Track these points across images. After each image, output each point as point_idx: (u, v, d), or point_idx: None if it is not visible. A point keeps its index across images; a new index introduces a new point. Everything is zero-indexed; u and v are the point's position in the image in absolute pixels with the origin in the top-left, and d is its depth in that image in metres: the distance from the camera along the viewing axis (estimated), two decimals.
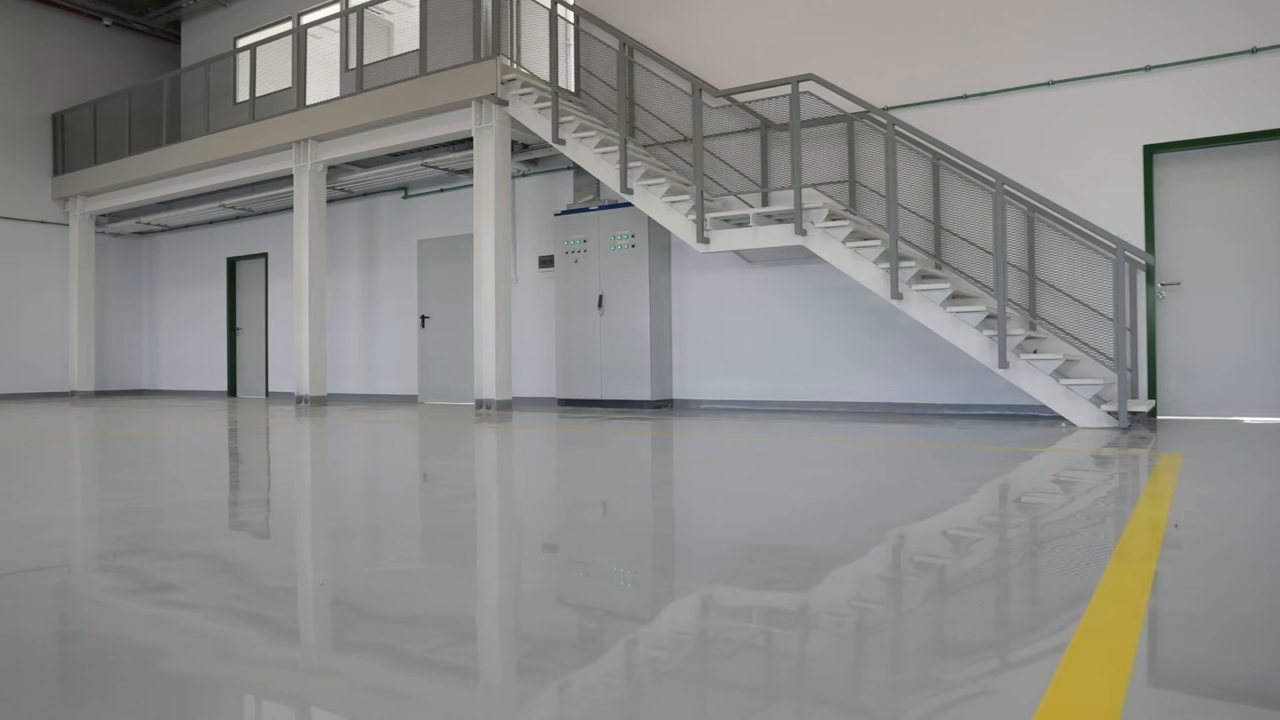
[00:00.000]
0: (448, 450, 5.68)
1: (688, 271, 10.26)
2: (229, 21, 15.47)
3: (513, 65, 9.82)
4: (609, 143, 9.21)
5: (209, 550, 2.64)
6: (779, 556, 2.50)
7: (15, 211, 15.22)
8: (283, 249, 14.82)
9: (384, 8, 11.82)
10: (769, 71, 9.62)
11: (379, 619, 1.92)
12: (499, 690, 1.52)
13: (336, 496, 3.78)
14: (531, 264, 11.61)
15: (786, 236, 8.08)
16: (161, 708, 1.43)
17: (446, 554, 2.58)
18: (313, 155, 11.58)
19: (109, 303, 16.66)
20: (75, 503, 3.60)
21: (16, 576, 2.33)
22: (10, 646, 1.75)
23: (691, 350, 10.23)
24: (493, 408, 9.66)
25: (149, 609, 2.01)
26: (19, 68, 15.28)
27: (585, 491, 3.79)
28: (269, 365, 15.15)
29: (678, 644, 1.73)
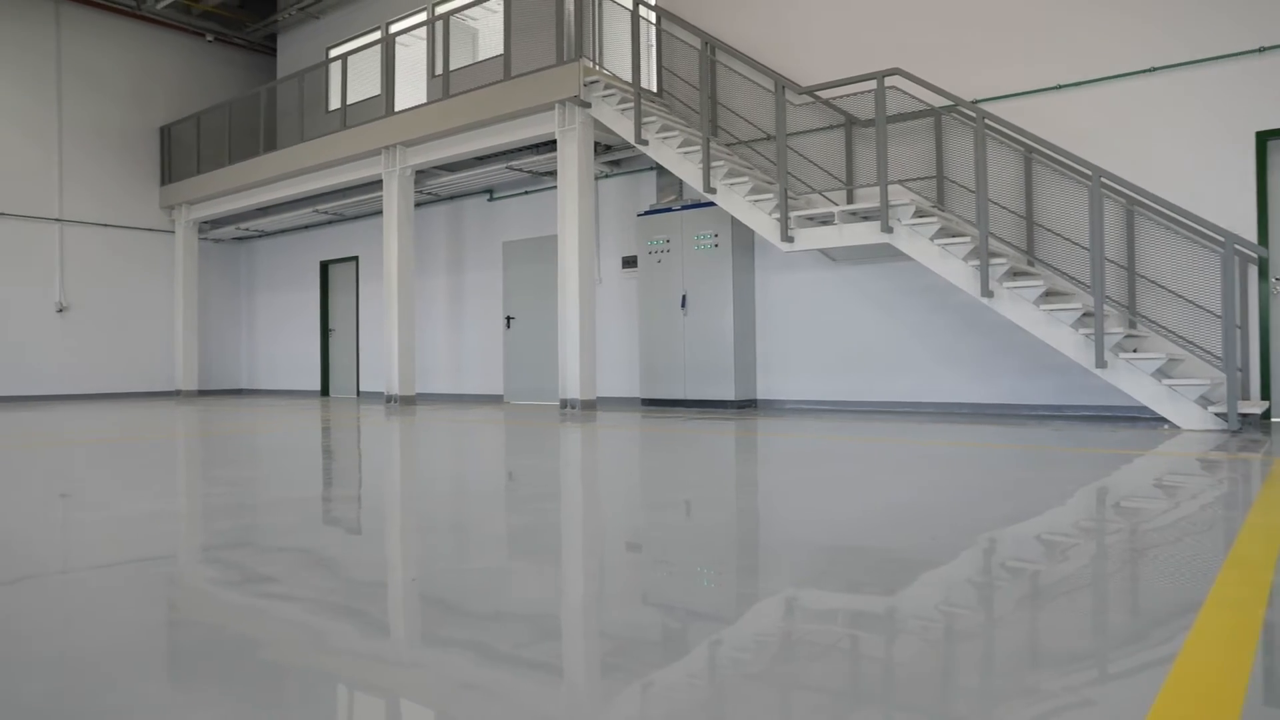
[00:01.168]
0: (532, 449, 5.75)
1: (771, 271, 10.17)
2: (322, 33, 15.97)
3: (595, 67, 9.89)
4: (691, 142, 9.19)
5: (304, 545, 2.73)
6: (864, 559, 2.46)
7: (127, 220, 16.01)
8: (373, 252, 15.23)
9: (469, 14, 12.03)
10: (854, 67, 9.47)
11: (466, 615, 1.96)
12: (583, 688, 1.52)
13: (425, 494, 3.86)
14: (615, 264, 11.67)
15: (872, 234, 7.94)
16: (261, 696, 1.48)
17: (531, 552, 2.61)
18: (401, 160, 11.86)
19: (210, 306, 17.37)
20: (181, 497, 3.76)
21: (131, 565, 2.44)
22: (124, 631, 1.84)
23: (775, 350, 10.14)
24: (577, 407, 9.75)
25: (249, 600, 2.09)
26: (131, 85, 16.07)
27: (668, 491, 3.79)
28: (360, 365, 15.58)
29: (761, 646, 1.71)
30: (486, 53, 12.25)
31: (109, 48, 15.82)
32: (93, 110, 15.63)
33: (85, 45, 15.52)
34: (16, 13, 14.72)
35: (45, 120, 15.07)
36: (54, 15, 15.15)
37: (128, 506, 3.49)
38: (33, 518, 3.26)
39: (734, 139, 10.23)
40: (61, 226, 15.21)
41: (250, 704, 1.44)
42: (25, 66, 14.84)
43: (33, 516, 3.28)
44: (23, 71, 14.81)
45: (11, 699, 1.47)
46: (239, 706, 1.43)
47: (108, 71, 15.81)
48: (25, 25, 14.83)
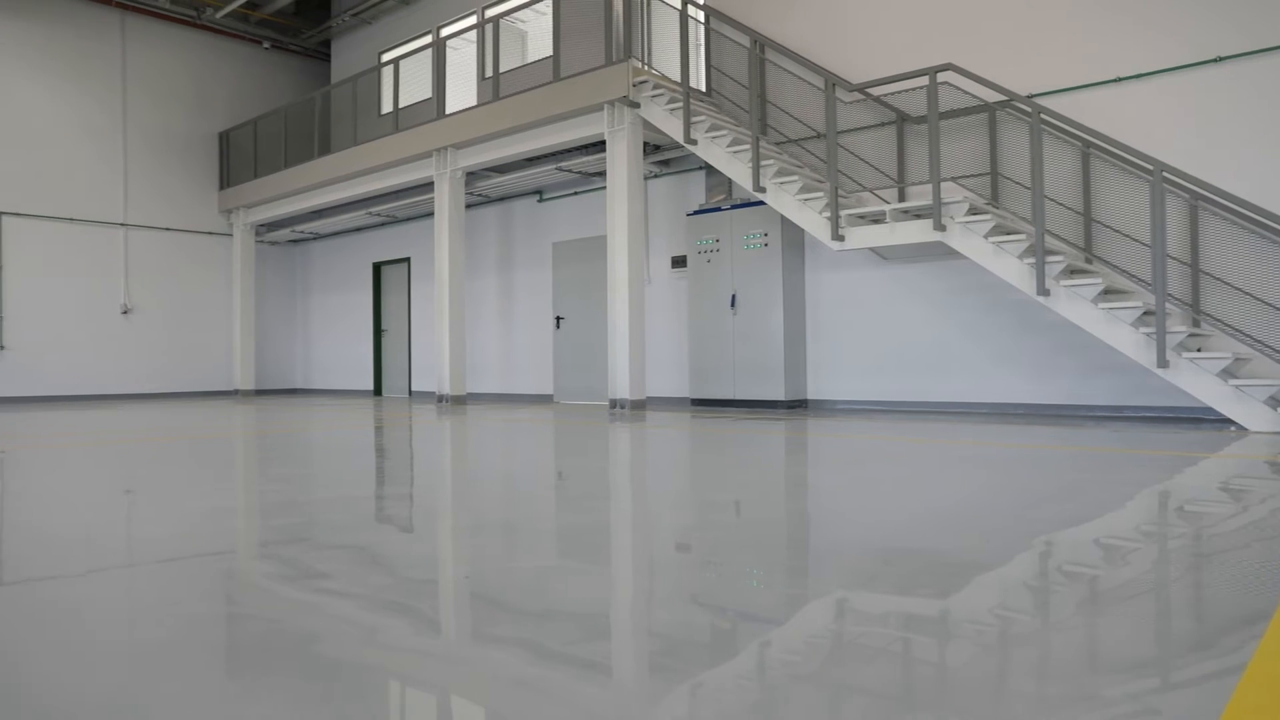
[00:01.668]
0: (582, 449, 5.77)
1: (821, 270, 10.09)
2: (374, 38, 16.22)
3: (644, 67, 9.90)
4: (741, 141, 9.16)
5: (358, 542, 2.77)
6: (917, 561, 2.42)
7: (187, 224, 16.43)
8: (424, 253, 15.42)
9: (518, 16, 12.12)
10: (905, 63, 9.35)
11: (516, 613, 1.97)
12: (632, 687, 1.52)
13: (475, 493, 3.90)
14: (664, 264, 11.67)
15: (924, 232, 7.83)
16: (316, 690, 1.50)
17: (581, 551, 2.61)
18: (452, 162, 11.99)
19: (267, 307, 17.74)
20: (240, 494, 3.84)
21: (193, 560, 2.50)
22: (186, 623, 1.88)
23: (826, 350, 10.06)
24: (626, 407, 9.76)
25: (304, 595, 2.13)
26: (191, 92, 16.49)
27: (718, 491, 3.78)
28: (411, 365, 15.79)
29: (812, 648, 1.70)
30: (536, 55, 12.34)
31: (171, 57, 16.24)
32: (155, 117, 16.06)
33: (149, 55, 15.95)
34: (85, 25, 15.19)
35: (111, 128, 15.52)
36: (119, 26, 15.60)
37: (189, 503, 3.57)
38: (100, 512, 3.35)
39: (783, 137, 10.17)
40: (126, 231, 15.66)
41: (305, 697, 1.46)
42: (93, 76, 15.31)
43: (100, 511, 3.38)
44: (91, 81, 15.28)
45: (80, 686, 1.51)
46: (295, 699, 1.45)
47: (170, 80, 16.23)
48: (93, 37, 15.29)
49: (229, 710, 1.41)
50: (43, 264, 14.75)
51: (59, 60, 14.97)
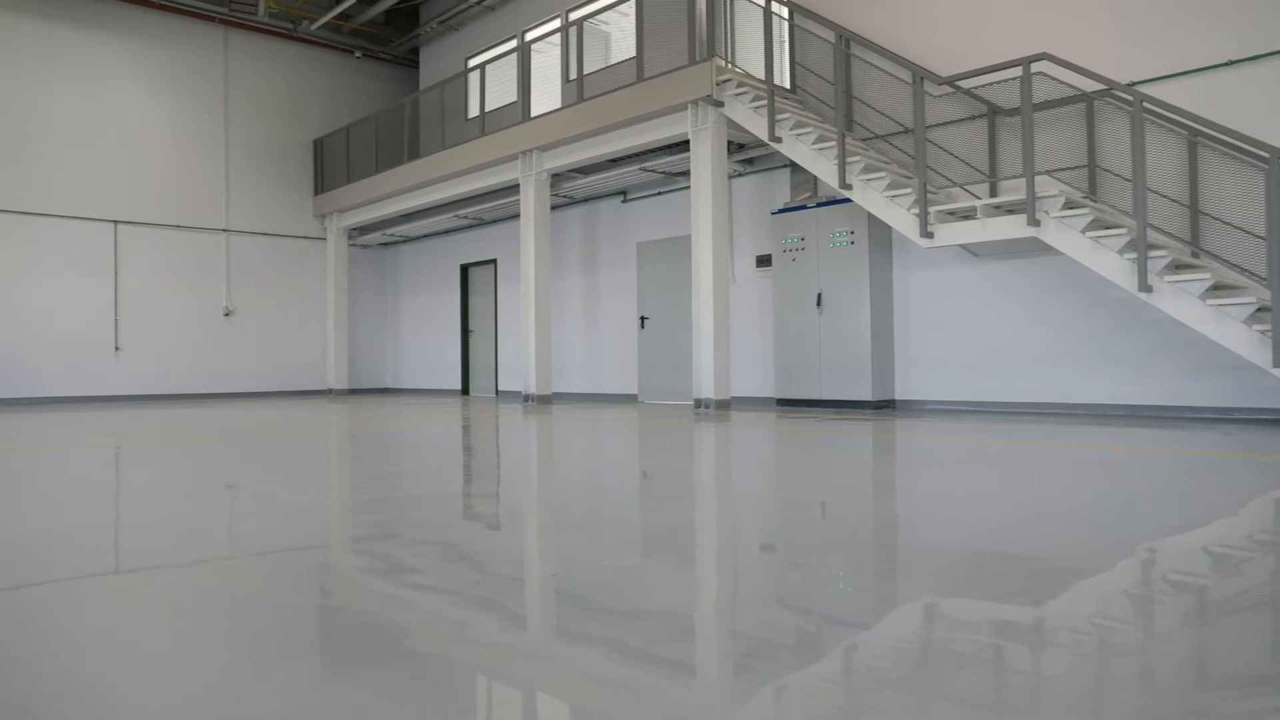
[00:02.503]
0: (667, 449, 5.78)
1: (910, 268, 9.89)
2: (461, 44, 16.54)
3: (727, 66, 9.85)
4: (826, 138, 9.04)
5: (447, 538, 2.82)
6: (1011, 567, 2.35)
7: (284, 229, 17.04)
8: (510, 255, 15.65)
9: (602, 18, 12.21)
10: (997, 54, 9.09)
11: (601, 611, 1.98)
12: (716, 687, 1.52)
13: (561, 491, 3.94)
14: (749, 263, 11.60)
15: (1017, 228, 7.60)
16: (407, 682, 1.54)
17: (666, 551, 2.62)
18: (537, 164, 12.14)
19: (359, 309, 18.27)
20: (334, 490, 3.96)
21: (291, 553, 2.59)
22: (284, 615, 1.95)
23: (914, 349, 9.85)
24: (711, 407, 9.74)
25: (396, 590, 2.18)
26: (288, 102, 17.10)
27: (804, 492, 3.73)
28: (498, 365, 16.05)
29: (900, 653, 1.66)
30: (619, 56, 12.40)
31: (270, 69, 16.87)
32: (255, 127, 16.70)
33: (249, 68, 16.60)
34: (191, 42, 15.89)
35: (215, 138, 16.20)
36: (223, 41, 16.27)
37: (286, 498, 3.70)
38: (204, 506, 3.50)
39: (870, 133, 9.99)
40: (228, 236, 16.32)
41: (399, 689, 1.50)
42: (198, 90, 16.01)
43: (204, 504, 3.53)
44: (196, 95, 15.98)
45: (188, 672, 1.58)
46: (389, 691, 1.49)
47: (268, 91, 16.86)
48: (200, 51, 15.99)
49: (329, 699, 1.45)
50: (153, 269, 15.48)
51: (167, 76, 15.69)
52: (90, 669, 1.61)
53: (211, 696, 1.47)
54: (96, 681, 1.55)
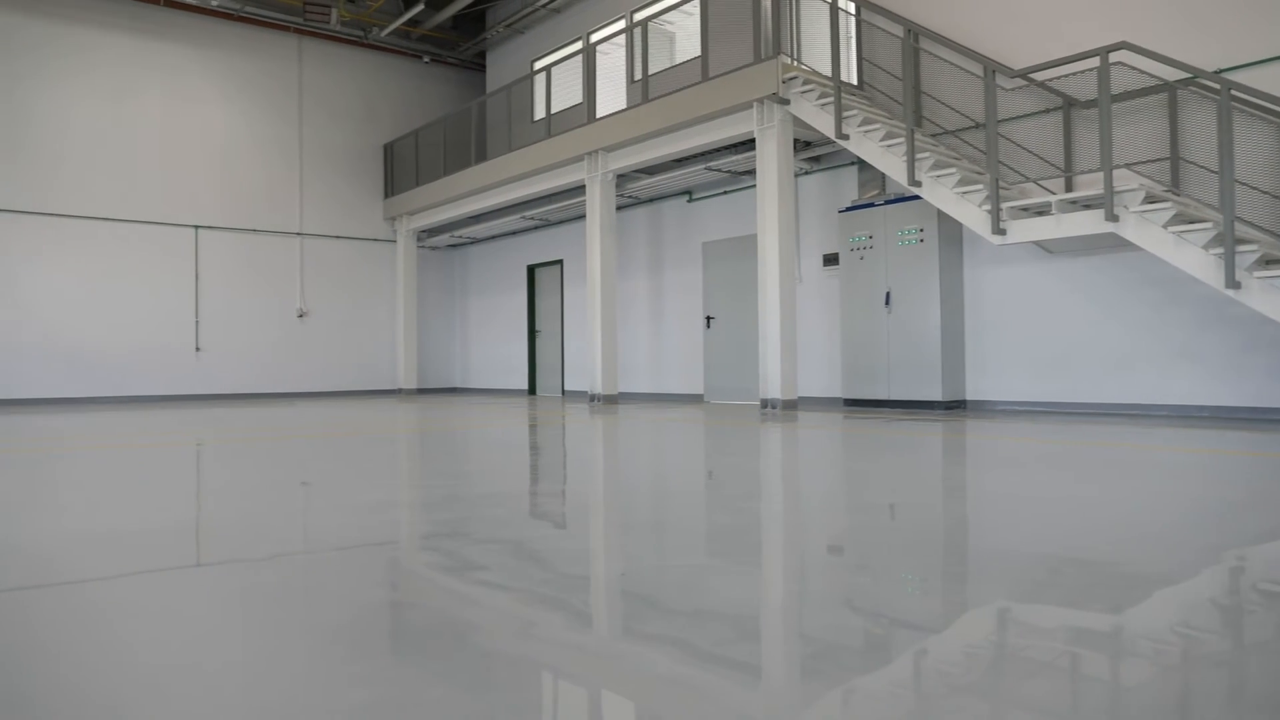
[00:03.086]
0: (733, 449, 5.76)
1: (981, 265, 9.68)
2: (526, 47, 16.71)
3: (793, 63, 9.77)
4: (895, 135, 8.90)
5: (514, 537, 2.86)
6: (1088, 572, 2.29)
7: (356, 232, 17.44)
8: (576, 255, 15.75)
9: (666, 18, 12.21)
10: (1072, 45, 8.84)
11: (667, 611, 1.98)
12: (783, 690, 1.51)
13: (627, 490, 3.95)
14: (815, 262, 11.49)
15: (1095, 224, 7.38)
16: (476, 678, 1.56)
17: (731, 551, 2.61)
18: (603, 165, 12.20)
19: (428, 309, 18.59)
20: (404, 488, 4.04)
21: (364, 549, 2.65)
22: (359, 609, 1.99)
23: (986, 348, 9.64)
24: (777, 407, 9.67)
25: (465, 587, 2.21)
26: (359, 107, 17.50)
27: (872, 494, 3.69)
28: (564, 365, 16.17)
29: (971, 659, 1.63)
30: (684, 55, 12.39)
31: (341, 75, 17.28)
32: (327, 132, 17.12)
33: (322, 74, 17.03)
34: (265, 51, 16.37)
35: (289, 144, 16.65)
36: (296, 49, 16.72)
37: (359, 495, 3.78)
38: (280, 502, 3.60)
39: (939, 129, 9.81)
40: (302, 240, 16.76)
41: (469, 684, 1.52)
42: (274, 97, 16.48)
43: (280, 501, 3.63)
44: (273, 102, 16.45)
45: (269, 662, 1.63)
46: (461, 685, 1.51)
47: (340, 96, 17.27)
48: (275, 60, 16.46)
49: (406, 692, 1.48)
50: (231, 272, 15.98)
51: (244, 85, 16.18)
52: (175, 658, 1.67)
53: (292, 686, 1.51)
54: (181, 669, 1.60)
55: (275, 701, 1.45)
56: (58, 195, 14.40)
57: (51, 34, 14.40)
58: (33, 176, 14.20)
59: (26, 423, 9.32)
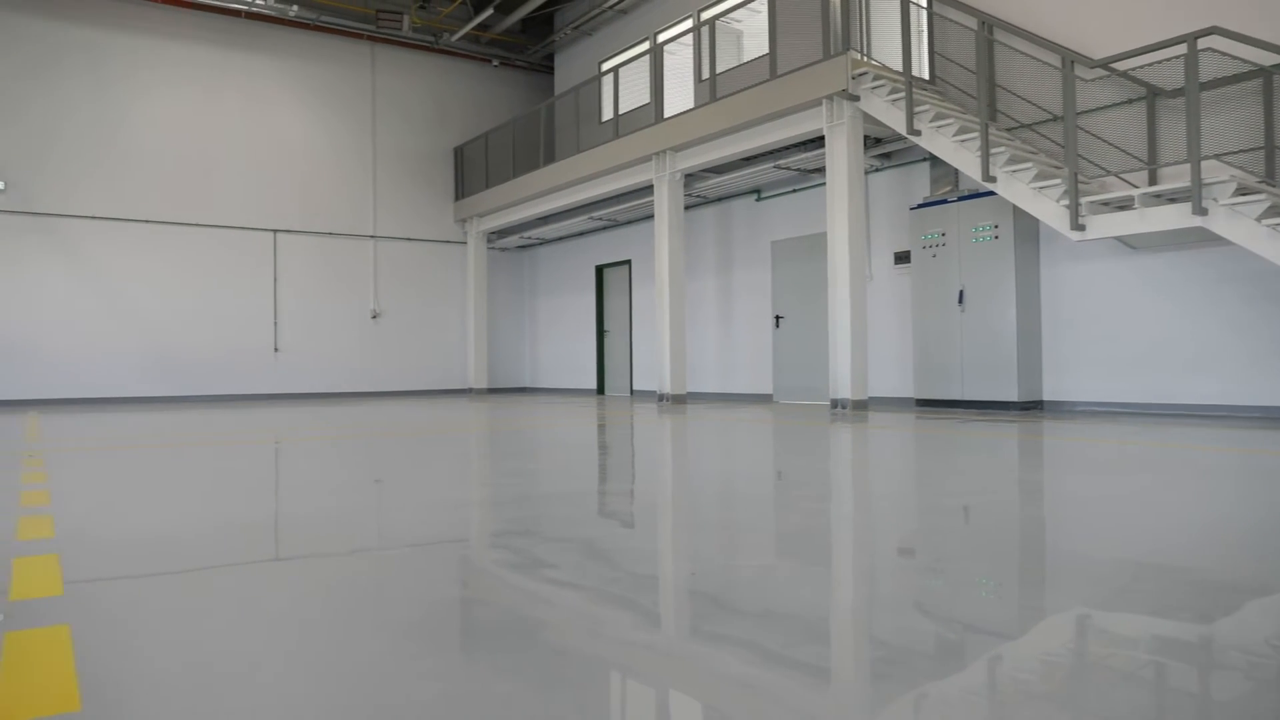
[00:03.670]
0: (803, 449, 5.70)
1: (1059, 262, 9.42)
2: (594, 49, 16.80)
3: (863, 59, 9.64)
4: (968, 129, 8.71)
5: (583, 535, 2.87)
6: (1173, 579, 2.21)
7: (427, 234, 17.76)
8: (644, 256, 15.78)
9: (733, 16, 12.15)
10: (1155, 31, 8.54)
11: (735, 612, 1.97)
12: (853, 693, 1.49)
13: (696, 490, 3.95)
14: (886, 260, 11.32)
15: (1181, 218, 7.12)
16: (544, 675, 1.57)
17: (801, 552, 2.58)
18: (671, 165, 12.19)
19: (497, 310, 18.83)
20: (475, 486, 4.10)
21: (437, 546, 2.70)
22: (432, 605, 2.03)
23: (1064, 347, 9.38)
24: (847, 407, 9.55)
25: (534, 585, 2.23)
26: (431, 112, 17.81)
27: (945, 496, 3.61)
28: (633, 364, 16.21)
29: (1049, 666, 1.59)
30: (751, 53, 12.32)
31: (413, 80, 17.62)
32: (400, 136, 17.47)
33: (394, 80, 17.39)
34: (340, 59, 16.78)
35: (363, 149, 17.04)
36: (370, 57, 17.10)
37: (431, 493, 3.85)
38: (357, 499, 3.68)
39: (1015, 123, 9.57)
40: (375, 242, 17.13)
41: (538, 681, 1.54)
42: (349, 103, 16.88)
43: (356, 498, 3.71)
44: (347, 107, 16.86)
45: (345, 654, 1.67)
46: (530, 682, 1.53)
47: (412, 101, 17.61)
48: (349, 67, 16.87)
49: (476, 687, 1.50)
50: (307, 275, 16.42)
51: (321, 92, 16.61)
52: (258, 647, 1.72)
53: (368, 679, 1.55)
54: (263, 658, 1.65)
55: (352, 692, 1.48)
56: (147, 203, 14.98)
57: (141, 48, 14.98)
58: (125, 185, 14.79)
59: (124, 420, 9.71)
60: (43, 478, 4.56)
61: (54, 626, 1.89)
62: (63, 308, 14.30)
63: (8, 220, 13.99)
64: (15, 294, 13.98)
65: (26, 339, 14.02)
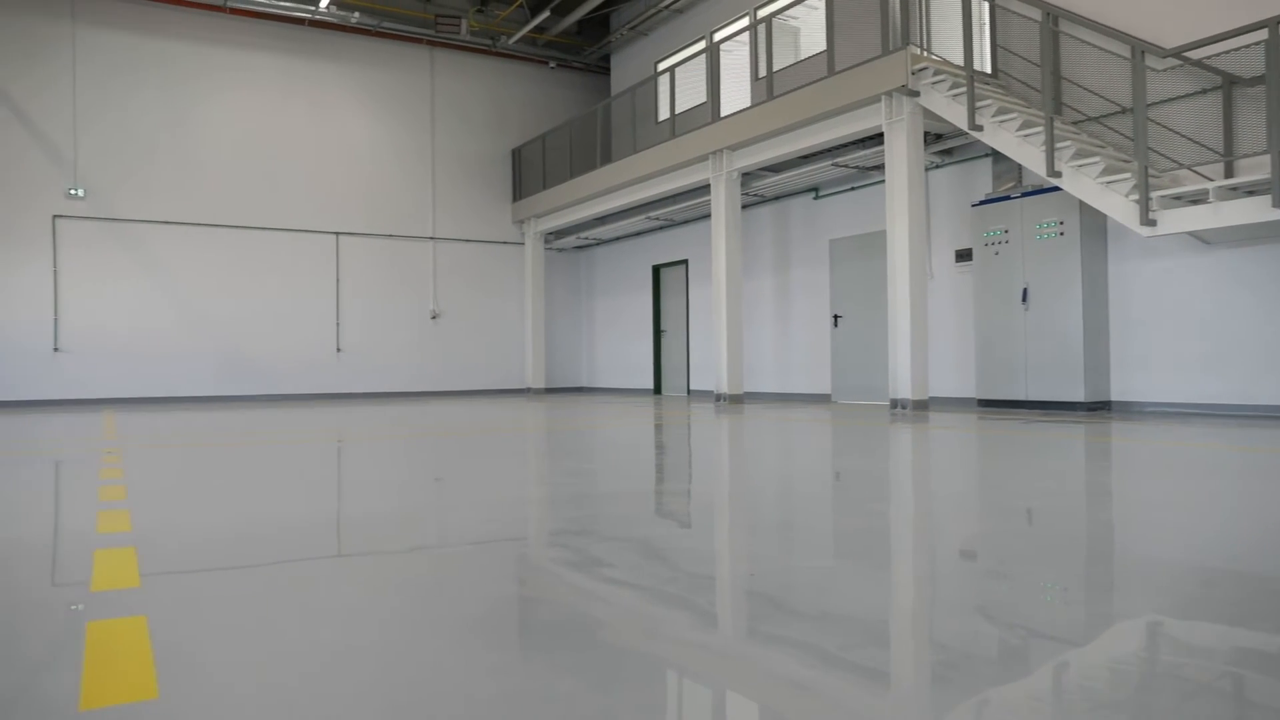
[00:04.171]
0: (861, 450, 5.65)
1: (1127, 259, 9.17)
2: (649, 49, 16.81)
3: (922, 54, 9.50)
4: (1032, 124, 8.53)
5: (640, 535, 2.88)
6: (1250, 587, 2.14)
7: (485, 235, 17.96)
8: (701, 255, 15.76)
9: (790, 13, 12.06)
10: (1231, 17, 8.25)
11: (792, 613, 1.96)
12: (912, 697, 1.47)
13: (753, 491, 3.93)
14: (947, 258, 11.14)
15: (1260, 211, 6.88)
16: (604, 674, 1.58)
17: (859, 554, 2.56)
18: (727, 164, 12.16)
19: (555, 310, 18.96)
20: (534, 485, 4.13)
21: (496, 544, 2.73)
22: (491, 602, 2.06)
23: (1133, 346, 9.13)
24: (907, 407, 9.43)
25: (592, 584, 2.25)
26: (489, 114, 18.01)
27: (1008, 498, 3.55)
28: (690, 364, 16.20)
29: (1117, 675, 1.55)
30: (808, 50, 12.21)
31: (471, 83, 17.83)
32: (458, 139, 17.70)
33: (453, 83, 17.62)
34: (400, 63, 17.07)
35: (422, 152, 17.31)
36: (429, 61, 17.35)
37: (490, 491, 3.90)
38: (416, 497, 3.74)
39: (1081, 116, 9.33)
40: (434, 244, 17.38)
41: (597, 680, 1.55)
42: (410, 107, 17.16)
43: (416, 496, 3.78)
44: (407, 112, 17.14)
45: (406, 650, 1.70)
46: (589, 680, 1.54)
47: (470, 103, 17.83)
48: (409, 71, 17.14)
49: (537, 685, 1.52)
50: (369, 277, 16.73)
51: (382, 96, 16.91)
52: (320, 640, 1.76)
53: (432, 674, 1.57)
54: (326, 652, 1.69)
55: (416, 686, 1.51)
56: (216, 207, 15.42)
57: (210, 58, 15.42)
58: (195, 191, 15.25)
59: (194, 419, 10.01)
60: (119, 474, 4.72)
61: (132, 617, 1.95)
62: (137, 309, 14.79)
63: (87, 226, 14.51)
64: (94, 297, 14.50)
65: (103, 340, 14.53)
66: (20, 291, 14.06)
